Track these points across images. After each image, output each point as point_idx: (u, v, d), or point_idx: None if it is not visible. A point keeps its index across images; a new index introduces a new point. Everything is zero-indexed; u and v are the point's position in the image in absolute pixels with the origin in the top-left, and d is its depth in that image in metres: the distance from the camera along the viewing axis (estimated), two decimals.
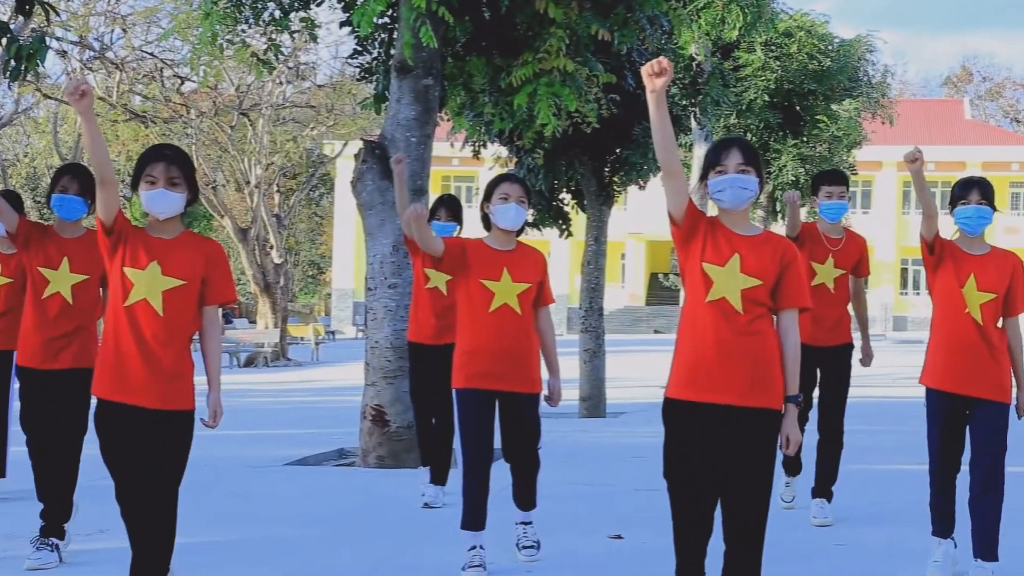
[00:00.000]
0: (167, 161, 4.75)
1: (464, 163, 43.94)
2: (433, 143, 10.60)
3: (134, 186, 4.76)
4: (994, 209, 5.94)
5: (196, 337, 4.93)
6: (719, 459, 4.48)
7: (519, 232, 6.23)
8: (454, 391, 6.20)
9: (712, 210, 4.85)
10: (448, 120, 12.85)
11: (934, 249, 5.96)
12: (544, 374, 6.26)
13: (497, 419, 6.21)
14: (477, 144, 14.10)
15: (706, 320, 4.51)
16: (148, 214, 4.81)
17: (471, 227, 8.42)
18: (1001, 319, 5.89)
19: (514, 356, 6.10)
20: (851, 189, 48.19)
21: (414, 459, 9.71)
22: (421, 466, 8.64)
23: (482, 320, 6.06)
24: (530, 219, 12.71)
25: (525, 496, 6.39)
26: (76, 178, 6.35)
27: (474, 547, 6.09)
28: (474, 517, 6.09)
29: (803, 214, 16.84)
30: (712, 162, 4.61)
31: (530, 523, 6.44)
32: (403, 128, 10.29)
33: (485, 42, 10.71)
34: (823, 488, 7.67)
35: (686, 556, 4.57)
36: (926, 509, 6.05)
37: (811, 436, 6.60)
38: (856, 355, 7.84)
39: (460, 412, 6.13)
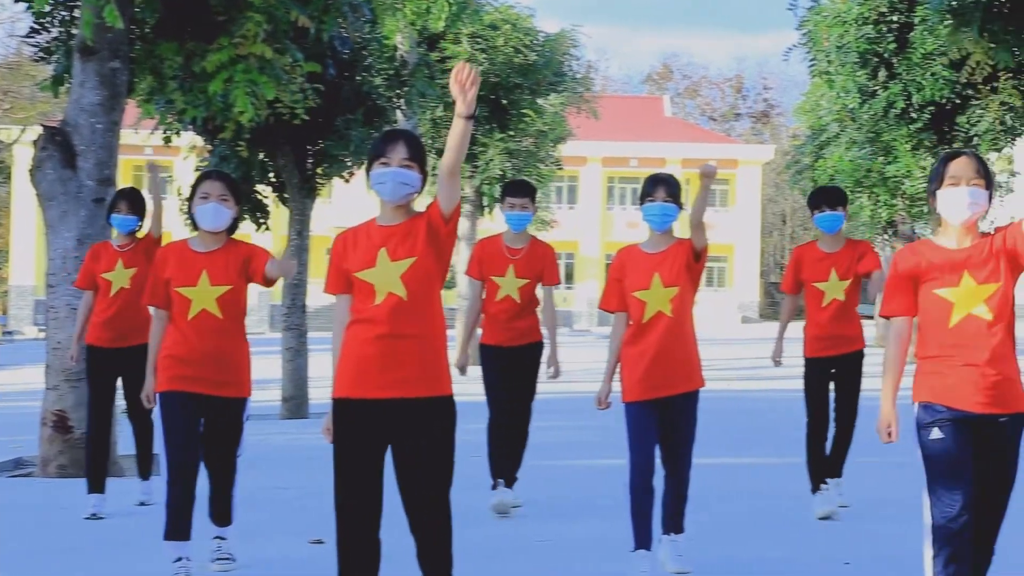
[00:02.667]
0: None
1: (158, 152, 42.53)
2: (121, 131, 10.26)
3: None
4: (680, 206, 6.25)
5: None
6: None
7: (232, 230, 6.27)
8: (157, 395, 6.13)
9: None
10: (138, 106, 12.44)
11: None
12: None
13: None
14: (168, 132, 13.72)
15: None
16: None
17: (165, 220, 8.24)
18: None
19: (216, 360, 6.09)
20: (556, 184, 49.15)
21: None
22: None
23: (183, 327, 6.11)
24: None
25: (221, 510, 6.32)
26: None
27: (179, 559, 6.00)
28: (178, 527, 6.00)
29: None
30: (378, 153, 4.69)
31: (225, 539, 6.38)
32: (87, 114, 9.91)
33: (178, 25, 10.43)
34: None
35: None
36: (625, 504, 6.33)
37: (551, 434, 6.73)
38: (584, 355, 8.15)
39: (163, 416, 6.06)
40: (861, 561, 6.59)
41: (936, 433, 4.65)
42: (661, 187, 6.17)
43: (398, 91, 15.81)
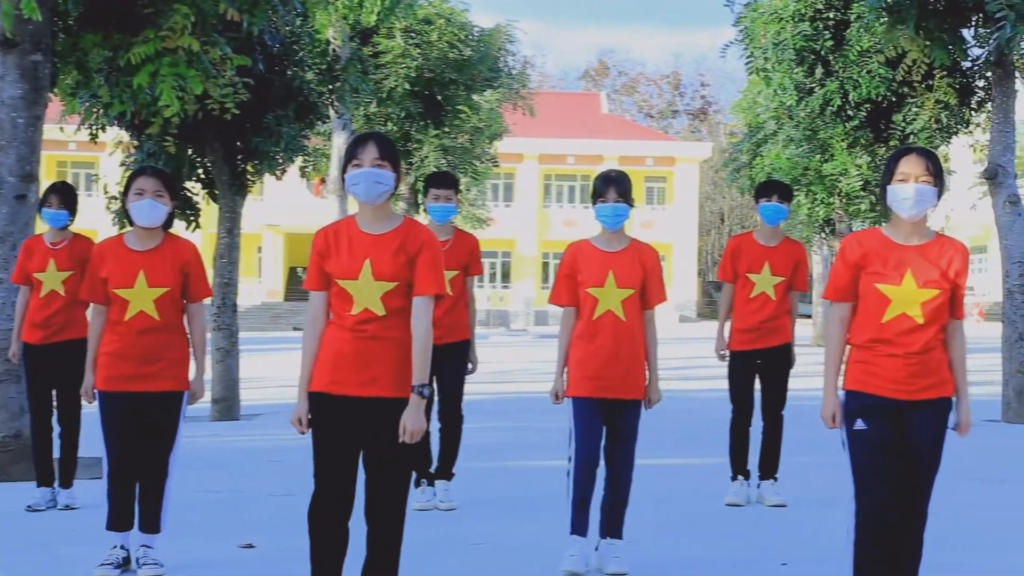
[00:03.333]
0: None
1: (83, 148, 42.06)
2: (44, 126, 10.10)
3: None
4: (631, 205, 6.31)
5: None
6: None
7: (167, 225, 6.31)
8: (97, 393, 6.26)
9: (352, 206, 4.93)
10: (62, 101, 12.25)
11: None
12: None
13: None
14: (94, 128, 13.53)
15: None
16: None
17: (91, 217, 8.13)
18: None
19: (154, 358, 6.20)
20: (492, 182, 49.16)
21: (22, 471, 9.24)
22: (37, 485, 8.30)
23: (121, 326, 6.19)
24: None
25: (150, 516, 6.26)
26: None
27: (115, 546, 6.23)
28: (119, 518, 6.25)
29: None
30: (350, 156, 4.85)
31: (151, 547, 6.30)
32: (8, 108, 9.75)
33: (102, 17, 10.28)
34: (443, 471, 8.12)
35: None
36: (562, 503, 6.35)
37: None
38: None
39: (102, 416, 6.23)
40: (799, 561, 6.64)
41: (861, 424, 4.83)
42: (612, 187, 6.24)
43: (330, 87, 15.70)
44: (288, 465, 9.87)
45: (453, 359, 8.01)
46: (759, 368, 8.26)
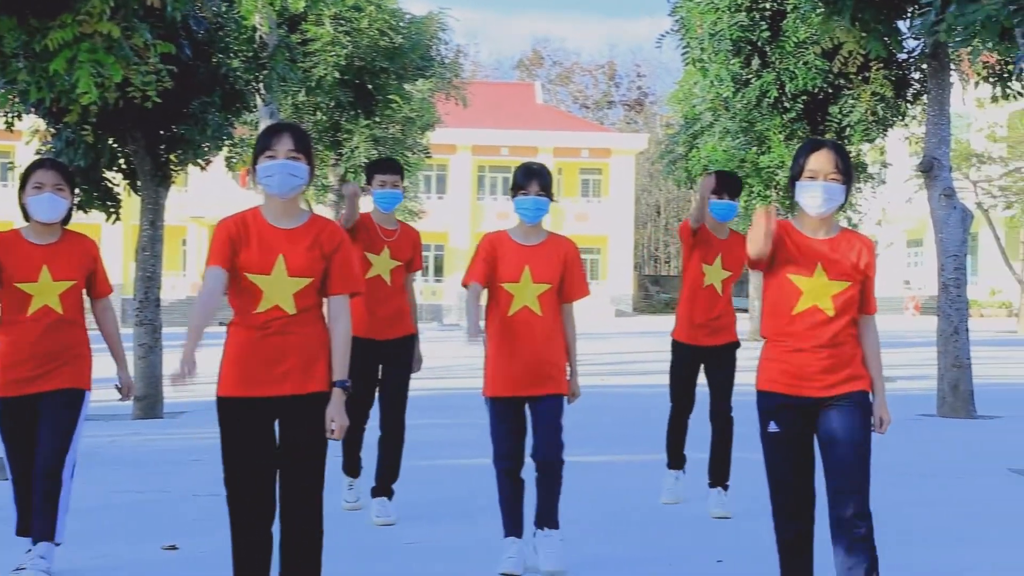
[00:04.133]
0: None
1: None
2: None
3: None
4: (551, 199, 6.29)
5: None
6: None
7: (66, 221, 6.19)
8: None
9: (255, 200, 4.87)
10: None
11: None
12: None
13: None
14: (10, 115, 13.30)
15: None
16: None
17: (7, 209, 7.97)
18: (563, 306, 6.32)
19: (55, 355, 6.06)
20: (424, 173, 49.09)
21: None
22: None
23: (20, 325, 6.04)
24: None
25: (43, 523, 5.95)
26: None
27: (30, 550, 6.05)
28: (28, 523, 6.13)
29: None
30: (263, 146, 4.80)
31: (44, 558, 5.96)
32: None
33: (18, 0, 10.09)
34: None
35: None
36: (495, 503, 6.34)
37: None
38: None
39: (1, 422, 6.11)
40: (734, 558, 6.69)
41: (774, 426, 4.86)
42: (534, 180, 6.21)
43: (257, 74, 15.55)
44: (213, 464, 9.72)
45: (399, 360, 7.86)
46: (705, 365, 8.24)
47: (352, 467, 8.14)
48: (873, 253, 4.97)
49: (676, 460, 8.37)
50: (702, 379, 8.23)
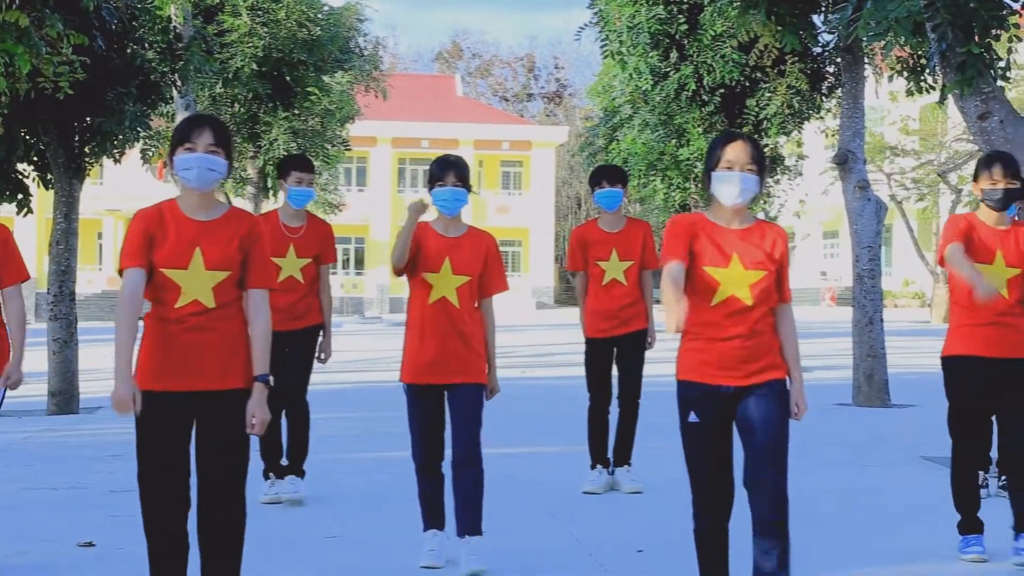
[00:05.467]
0: None
1: None
2: None
3: None
4: (469, 190, 6.30)
5: None
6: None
7: None
8: None
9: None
10: None
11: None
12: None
13: None
14: None
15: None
16: None
17: None
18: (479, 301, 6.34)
19: None
20: (344, 166, 48.61)
21: None
22: None
23: None
24: None
25: None
26: None
27: None
28: None
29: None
30: (182, 138, 4.76)
31: None
32: None
33: None
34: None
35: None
36: (415, 495, 6.34)
37: None
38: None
39: None
40: (654, 548, 6.75)
41: (694, 416, 4.88)
42: (451, 171, 6.20)
43: (173, 65, 15.36)
44: (130, 460, 9.65)
45: (300, 346, 7.93)
46: (616, 355, 8.37)
47: (273, 460, 8.11)
48: (787, 242, 5.02)
49: (598, 456, 8.42)
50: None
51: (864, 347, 14.68)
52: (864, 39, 11.83)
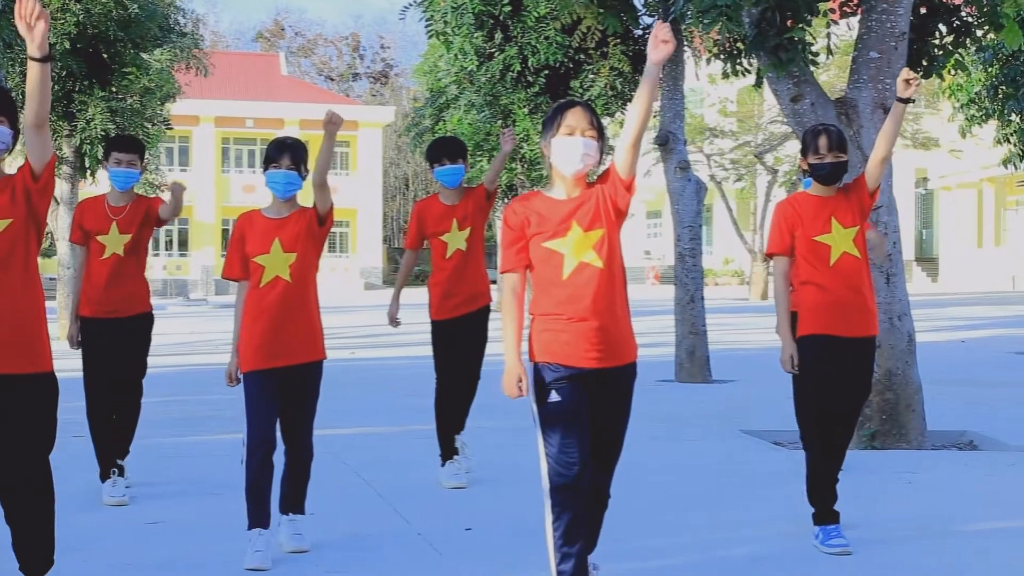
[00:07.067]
0: None
1: None
2: None
3: None
4: (303, 176, 6.21)
5: None
6: None
7: None
8: None
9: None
10: None
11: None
12: None
13: None
14: None
15: None
16: None
17: None
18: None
19: None
20: (166, 145, 47.62)
21: None
22: None
23: None
24: None
25: None
26: None
27: None
28: None
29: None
30: None
31: None
32: None
33: None
34: None
35: None
36: (240, 481, 6.24)
37: None
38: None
39: None
40: (483, 526, 6.79)
41: (554, 396, 4.77)
42: (287, 153, 6.12)
43: None
44: None
45: (136, 335, 7.69)
46: (461, 335, 8.18)
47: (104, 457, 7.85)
48: (614, 174, 4.84)
49: (448, 451, 8.14)
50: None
51: (686, 325, 15.00)
52: (686, 21, 12.03)
